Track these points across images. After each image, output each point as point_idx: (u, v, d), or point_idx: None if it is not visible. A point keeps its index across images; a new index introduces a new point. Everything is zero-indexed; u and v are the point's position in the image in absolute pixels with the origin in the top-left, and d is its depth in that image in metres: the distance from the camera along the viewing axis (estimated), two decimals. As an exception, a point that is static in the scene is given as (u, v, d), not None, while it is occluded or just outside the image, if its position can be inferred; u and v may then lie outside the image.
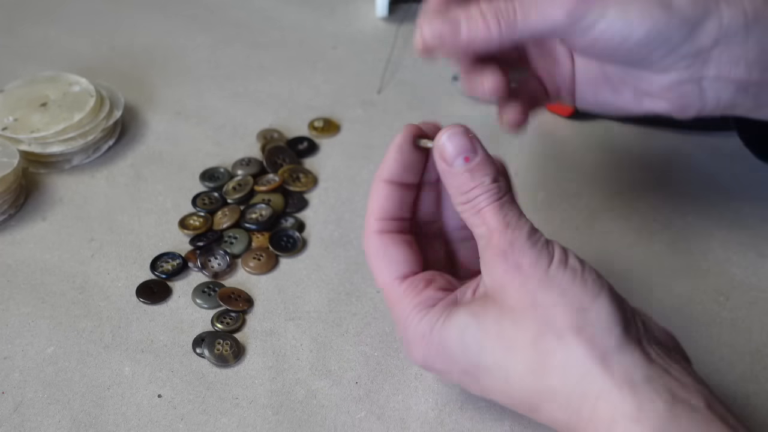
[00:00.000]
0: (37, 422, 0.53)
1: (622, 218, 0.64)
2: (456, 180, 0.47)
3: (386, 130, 0.73)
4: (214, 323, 0.58)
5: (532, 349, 0.44)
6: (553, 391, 0.43)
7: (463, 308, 0.46)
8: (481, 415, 0.53)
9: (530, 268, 0.44)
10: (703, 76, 0.49)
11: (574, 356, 0.43)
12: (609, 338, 0.43)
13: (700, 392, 0.42)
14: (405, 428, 0.52)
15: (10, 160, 0.65)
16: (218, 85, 0.77)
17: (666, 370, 0.43)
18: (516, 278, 0.44)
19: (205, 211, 0.65)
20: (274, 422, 0.53)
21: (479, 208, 0.46)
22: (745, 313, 0.58)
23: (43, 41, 0.82)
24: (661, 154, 0.70)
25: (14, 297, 0.60)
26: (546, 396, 0.44)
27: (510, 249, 0.45)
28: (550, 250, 0.45)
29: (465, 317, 0.46)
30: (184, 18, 0.85)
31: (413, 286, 0.48)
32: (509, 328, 0.44)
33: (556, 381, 0.43)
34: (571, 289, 0.44)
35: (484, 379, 0.46)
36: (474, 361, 0.45)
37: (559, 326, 0.43)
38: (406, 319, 0.48)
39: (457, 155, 0.46)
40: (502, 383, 0.45)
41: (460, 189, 0.47)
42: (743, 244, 0.62)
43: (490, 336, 0.45)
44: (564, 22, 0.47)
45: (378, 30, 0.83)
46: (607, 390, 0.42)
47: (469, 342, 0.45)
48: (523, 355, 0.44)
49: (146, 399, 0.54)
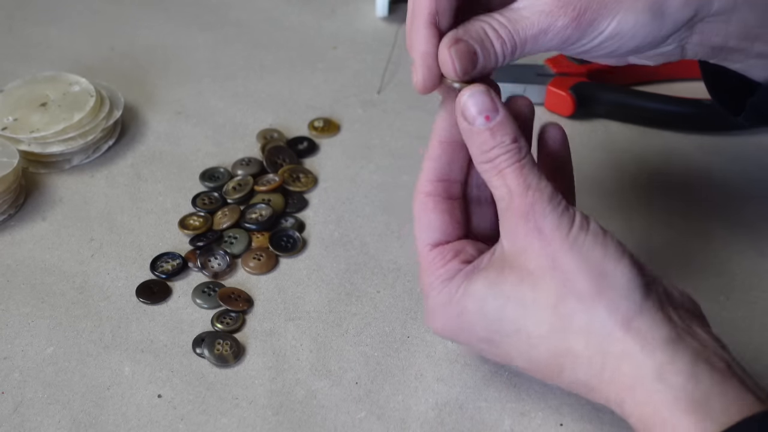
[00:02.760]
0: (37, 422, 0.53)
1: (622, 218, 0.64)
2: (477, 138, 0.47)
3: (386, 130, 0.73)
4: (214, 323, 0.58)
5: (553, 312, 0.44)
6: (576, 352, 0.44)
7: (480, 278, 0.47)
8: (481, 415, 0.53)
9: (551, 232, 0.44)
10: (687, 42, 0.50)
11: (596, 319, 0.43)
12: (630, 301, 0.43)
13: (721, 354, 0.43)
14: (405, 428, 0.52)
15: (10, 160, 0.64)
16: (218, 85, 0.77)
17: (687, 332, 0.44)
18: (536, 241, 0.45)
19: (205, 211, 0.65)
20: (274, 422, 0.53)
21: (500, 168, 0.46)
22: (745, 313, 0.58)
23: (43, 41, 0.82)
24: (661, 154, 0.70)
25: (14, 297, 0.60)
26: (568, 357, 0.44)
27: (531, 211, 0.45)
28: (571, 214, 0.45)
29: (483, 287, 0.46)
30: (185, 18, 0.85)
31: (441, 256, 0.49)
32: (529, 292, 0.45)
33: (578, 343, 0.44)
34: (593, 253, 0.44)
35: (505, 346, 0.46)
36: (494, 327, 0.46)
37: (580, 289, 0.44)
38: (429, 288, 0.49)
39: (478, 113, 0.46)
40: (525, 347, 0.46)
41: (481, 148, 0.47)
42: (743, 244, 0.62)
43: (510, 302, 0.45)
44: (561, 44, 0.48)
45: (378, 30, 0.83)
46: (629, 351, 0.43)
47: (489, 310, 0.46)
48: (545, 319, 0.44)
49: (146, 399, 0.54)
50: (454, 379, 0.54)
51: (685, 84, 0.75)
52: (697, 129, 0.72)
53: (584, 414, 0.53)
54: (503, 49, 0.47)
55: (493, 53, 0.47)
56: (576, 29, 0.47)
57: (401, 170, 0.68)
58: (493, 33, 0.47)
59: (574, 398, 0.53)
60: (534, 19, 0.47)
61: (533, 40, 0.47)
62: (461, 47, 0.47)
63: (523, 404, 0.53)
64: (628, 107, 0.72)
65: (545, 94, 0.73)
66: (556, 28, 0.47)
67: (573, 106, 0.72)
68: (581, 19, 0.46)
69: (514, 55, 0.48)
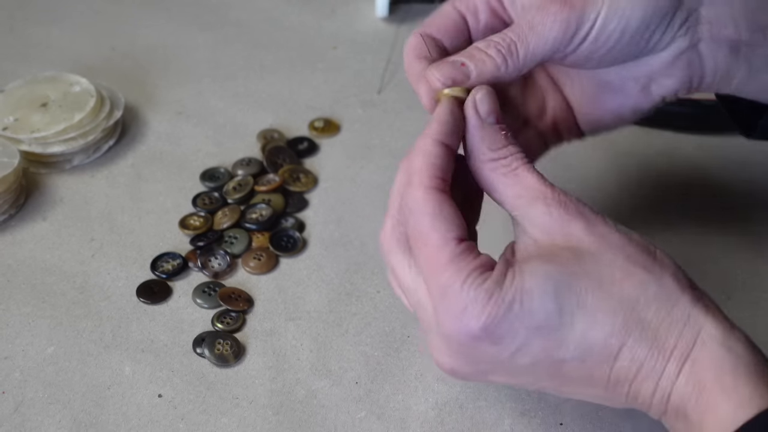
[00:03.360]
0: (37, 422, 0.53)
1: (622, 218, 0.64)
2: (489, 134, 0.46)
3: (386, 130, 0.73)
4: (215, 323, 0.58)
5: (624, 283, 0.43)
6: (644, 325, 0.43)
7: (531, 260, 0.44)
8: (481, 415, 0.53)
9: (593, 215, 0.45)
10: (699, 38, 0.49)
11: (667, 286, 0.44)
12: (683, 272, 0.44)
13: None
14: (405, 428, 0.52)
15: (11, 160, 0.65)
16: (218, 85, 0.77)
17: None
18: (582, 223, 0.44)
19: (205, 211, 0.65)
20: (275, 422, 0.53)
21: (513, 167, 0.46)
22: (746, 314, 0.58)
23: (44, 41, 0.82)
24: (661, 154, 0.70)
25: (14, 297, 0.60)
26: (634, 331, 0.43)
27: (567, 200, 0.45)
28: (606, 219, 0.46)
29: (541, 265, 0.43)
30: (185, 18, 0.85)
31: (470, 249, 0.44)
32: (593, 266, 0.43)
33: (648, 313, 0.43)
34: (634, 234, 0.45)
35: (563, 329, 0.43)
36: (555, 308, 0.43)
37: (642, 261, 0.44)
38: (464, 281, 0.43)
39: (490, 112, 0.46)
40: (585, 327, 0.43)
41: (491, 145, 0.46)
42: (744, 244, 0.62)
43: (575, 277, 0.43)
44: (562, 37, 0.48)
45: (378, 30, 0.83)
46: (695, 315, 0.43)
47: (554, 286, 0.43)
48: (616, 290, 0.43)
49: (146, 399, 0.54)
50: (454, 379, 0.54)
51: (685, 84, 0.75)
52: (697, 129, 0.72)
53: (584, 414, 0.53)
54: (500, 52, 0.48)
55: (488, 60, 0.48)
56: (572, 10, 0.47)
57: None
58: (483, 43, 0.48)
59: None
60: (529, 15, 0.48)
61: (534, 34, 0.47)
62: (442, 63, 0.48)
63: (523, 404, 0.53)
64: (628, 107, 0.72)
65: (545, 94, 0.73)
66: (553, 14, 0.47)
67: (573, 106, 0.72)
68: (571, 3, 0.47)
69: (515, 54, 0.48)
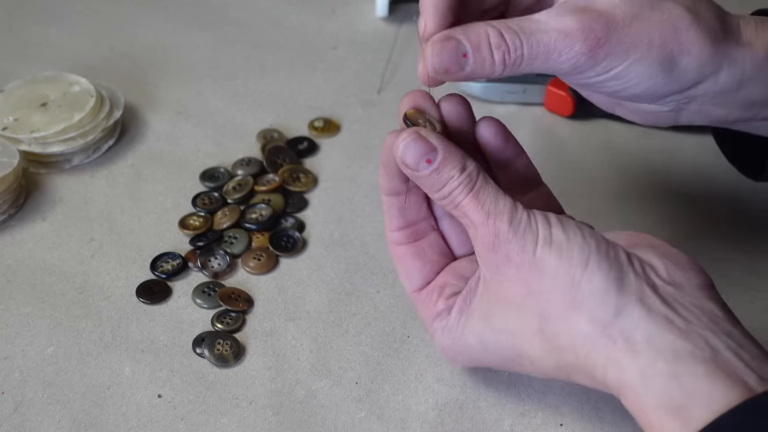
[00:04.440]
0: (37, 422, 0.53)
1: (622, 218, 0.64)
2: (426, 182, 0.47)
3: (386, 130, 0.72)
4: (214, 323, 0.58)
5: (540, 337, 0.45)
6: (572, 366, 0.45)
7: (473, 315, 0.48)
8: (481, 415, 0.53)
9: (519, 256, 0.45)
10: (683, 110, 0.50)
11: (579, 333, 0.44)
12: (606, 305, 0.43)
13: (707, 337, 0.42)
14: (405, 428, 0.52)
15: (10, 160, 0.65)
16: (218, 85, 0.77)
17: (669, 319, 0.42)
18: (509, 269, 0.45)
19: (205, 211, 0.65)
20: (274, 422, 0.53)
21: (457, 202, 0.46)
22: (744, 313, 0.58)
23: (43, 41, 0.82)
24: (661, 154, 0.70)
25: (14, 297, 0.60)
26: (568, 369, 0.45)
27: (496, 241, 0.45)
28: (533, 229, 0.45)
29: (478, 324, 0.48)
30: (185, 18, 0.85)
31: (428, 299, 0.51)
32: (515, 322, 0.46)
33: (569, 357, 0.44)
34: (560, 267, 0.44)
35: (515, 366, 0.48)
36: (497, 357, 0.48)
37: (557, 308, 0.44)
38: (431, 327, 0.51)
39: (418, 161, 0.46)
40: (531, 367, 0.47)
41: (432, 189, 0.47)
42: (743, 244, 0.62)
43: (503, 335, 0.47)
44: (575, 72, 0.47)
45: (378, 30, 0.83)
46: (612, 358, 0.43)
47: (488, 343, 0.47)
48: (536, 344, 0.45)
49: (146, 399, 0.54)
50: (454, 379, 0.54)
51: (685, 84, 0.75)
52: (697, 129, 0.72)
53: (584, 414, 0.53)
54: (504, 59, 0.46)
55: (489, 61, 0.46)
56: (590, 59, 0.46)
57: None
58: (496, 39, 0.46)
59: (574, 398, 0.53)
60: (552, 36, 0.45)
61: (544, 57, 0.46)
62: (448, 44, 0.46)
63: (523, 404, 0.53)
64: (628, 107, 0.72)
65: (545, 94, 0.74)
66: (572, 51, 0.45)
67: (573, 106, 0.72)
68: (598, 50, 0.45)
69: (517, 67, 0.46)
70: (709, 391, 0.40)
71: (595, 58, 0.46)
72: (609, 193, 0.67)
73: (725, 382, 0.40)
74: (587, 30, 0.45)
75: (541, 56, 0.46)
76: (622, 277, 0.43)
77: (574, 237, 0.44)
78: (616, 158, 0.70)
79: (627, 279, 0.44)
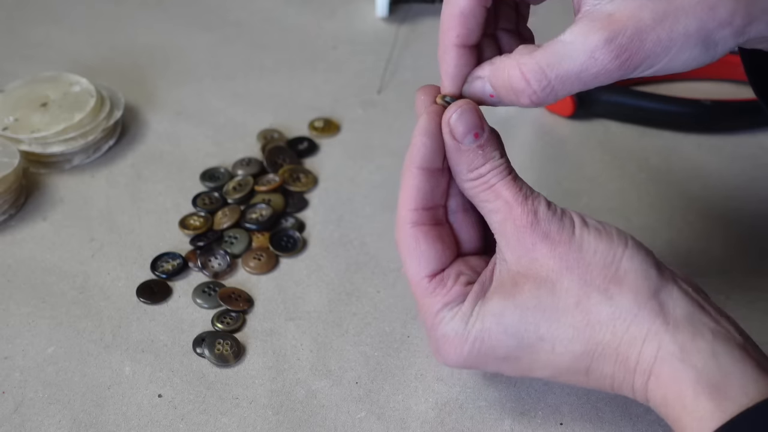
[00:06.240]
0: (37, 422, 0.53)
1: (622, 218, 0.64)
2: (466, 157, 0.47)
3: (386, 130, 0.73)
4: (215, 323, 0.58)
5: (577, 311, 0.45)
6: (603, 346, 0.45)
7: (494, 295, 0.47)
8: (481, 415, 0.53)
9: (558, 235, 0.45)
10: None
11: (621, 305, 0.44)
12: (648, 280, 0.45)
13: (733, 331, 0.44)
14: (405, 428, 0.52)
15: (11, 160, 0.65)
16: (218, 85, 0.77)
17: (703, 307, 0.44)
18: (546, 246, 0.45)
19: (205, 211, 0.65)
20: (275, 422, 0.53)
21: (492, 183, 0.47)
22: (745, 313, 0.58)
23: (44, 41, 0.82)
24: (661, 154, 0.70)
25: (14, 297, 0.60)
26: (596, 354, 0.45)
27: (535, 219, 0.46)
28: (569, 215, 0.46)
29: (499, 303, 0.46)
30: (185, 18, 0.85)
31: (442, 284, 0.48)
32: (548, 297, 0.45)
33: (605, 334, 0.44)
34: (600, 246, 0.45)
35: (527, 358, 0.46)
36: (515, 343, 0.46)
37: (599, 282, 0.45)
38: (436, 317, 0.47)
39: (466, 132, 0.47)
40: (548, 355, 0.46)
41: (470, 165, 0.47)
42: (743, 244, 0.62)
43: (530, 312, 0.46)
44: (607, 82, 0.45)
45: (378, 30, 0.83)
46: (654, 330, 0.43)
47: (509, 324, 0.46)
48: (570, 319, 0.45)
49: (146, 399, 0.54)
50: (454, 379, 0.54)
51: (685, 84, 0.75)
52: (697, 129, 0.72)
53: (584, 414, 0.53)
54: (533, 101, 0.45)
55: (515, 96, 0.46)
56: (626, 70, 0.44)
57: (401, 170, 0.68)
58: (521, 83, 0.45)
59: (574, 398, 0.53)
60: (580, 60, 0.44)
61: (576, 80, 0.45)
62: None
63: (523, 404, 0.53)
64: (628, 107, 0.72)
65: (545, 94, 0.73)
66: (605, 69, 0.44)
67: (573, 106, 0.72)
68: (629, 62, 0.44)
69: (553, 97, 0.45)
70: (743, 374, 0.42)
71: (631, 67, 0.44)
72: (609, 193, 0.67)
73: (756, 369, 0.42)
74: (616, 47, 0.43)
75: (572, 80, 0.45)
76: (658, 262, 0.46)
77: (610, 225, 0.46)
78: (616, 158, 0.70)
79: (662, 266, 0.46)
